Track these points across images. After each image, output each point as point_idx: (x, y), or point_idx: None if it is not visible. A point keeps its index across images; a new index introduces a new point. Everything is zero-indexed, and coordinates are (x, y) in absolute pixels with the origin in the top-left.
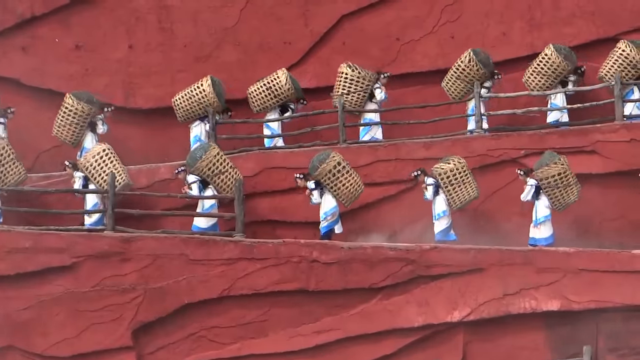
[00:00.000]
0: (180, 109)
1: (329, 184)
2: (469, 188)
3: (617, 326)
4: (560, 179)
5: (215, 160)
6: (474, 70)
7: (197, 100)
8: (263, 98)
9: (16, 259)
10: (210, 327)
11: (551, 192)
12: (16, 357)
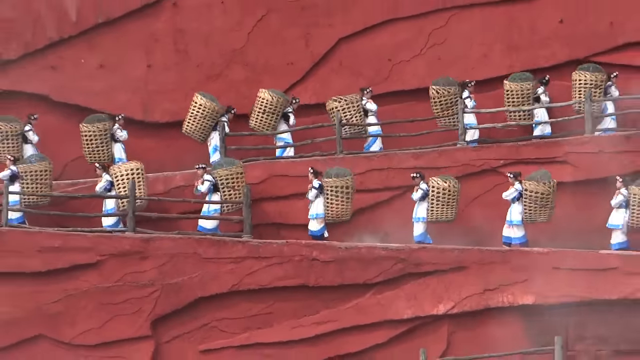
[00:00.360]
0: (195, 132)
1: (328, 195)
2: (449, 211)
3: (585, 318)
4: (541, 198)
5: (236, 177)
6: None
7: (202, 115)
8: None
9: (47, 256)
10: (220, 318)
11: (527, 204)
12: (46, 345)
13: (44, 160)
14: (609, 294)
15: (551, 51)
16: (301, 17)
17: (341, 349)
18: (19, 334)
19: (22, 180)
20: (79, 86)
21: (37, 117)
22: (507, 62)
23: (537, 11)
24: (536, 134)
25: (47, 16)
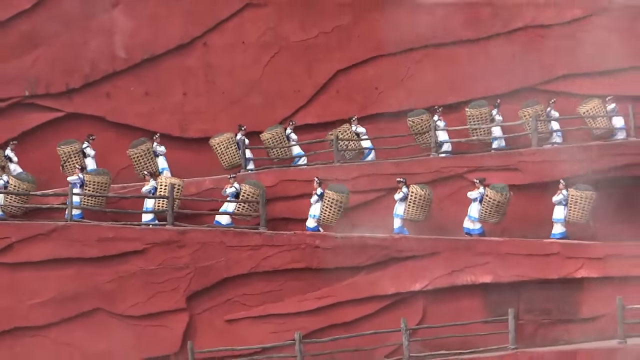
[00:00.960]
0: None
1: (325, 202)
2: (421, 213)
3: (532, 294)
4: (497, 205)
5: (256, 195)
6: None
7: (225, 148)
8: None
9: (103, 245)
10: (241, 294)
11: (485, 206)
12: (102, 316)
13: (106, 174)
14: (551, 275)
15: (504, 81)
16: (305, 54)
17: (338, 319)
18: (81, 307)
19: (86, 187)
20: (129, 109)
21: (95, 137)
22: (469, 90)
23: (494, 48)
24: (494, 147)
25: (102, 54)
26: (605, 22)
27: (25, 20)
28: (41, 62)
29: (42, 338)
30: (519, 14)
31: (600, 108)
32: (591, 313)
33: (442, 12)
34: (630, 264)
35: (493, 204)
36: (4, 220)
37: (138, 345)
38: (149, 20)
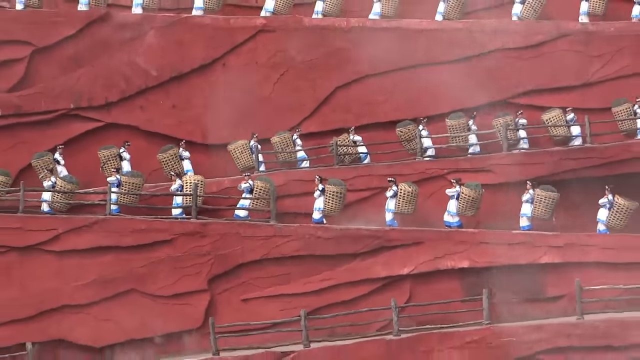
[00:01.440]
0: (246, 164)
1: (327, 196)
2: (409, 207)
3: (503, 277)
4: (472, 201)
5: (267, 190)
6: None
7: (240, 153)
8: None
9: (136, 235)
10: (255, 277)
11: (462, 202)
12: (136, 296)
13: (140, 177)
14: (519, 260)
15: (479, 95)
16: (309, 73)
17: (337, 298)
18: (118, 288)
19: (122, 186)
20: (158, 120)
21: (130, 143)
22: (448, 103)
23: (470, 68)
24: (470, 152)
25: (136, 72)
26: (563, 46)
27: (71, 44)
28: (84, 79)
29: (85, 315)
30: (492, 39)
31: (560, 117)
32: (553, 293)
33: (425, 37)
34: (585, 251)
35: (468, 199)
36: (52, 215)
37: (167, 321)
38: (176, 44)
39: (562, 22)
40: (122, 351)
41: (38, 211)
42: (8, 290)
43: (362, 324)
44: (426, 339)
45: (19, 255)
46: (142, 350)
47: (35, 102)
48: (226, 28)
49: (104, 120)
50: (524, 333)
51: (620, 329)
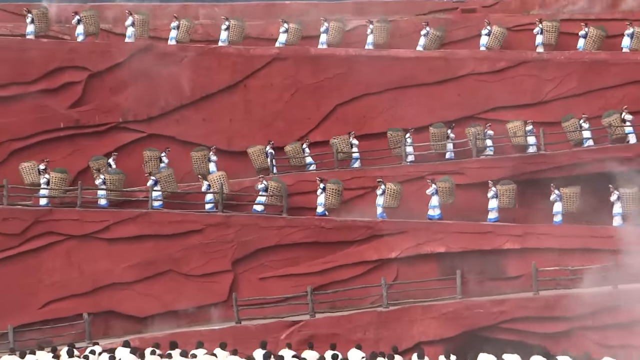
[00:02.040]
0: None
1: (328, 192)
2: (395, 201)
3: (473, 261)
4: (448, 190)
5: (279, 189)
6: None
7: (257, 156)
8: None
9: (173, 226)
10: (270, 260)
11: (441, 194)
12: (172, 275)
13: (169, 169)
14: (486, 246)
15: (452, 111)
16: (315, 92)
17: (337, 277)
18: (158, 269)
19: (160, 184)
20: (191, 131)
21: (170, 149)
22: (430, 117)
23: (447, 89)
24: (447, 157)
25: (173, 92)
26: (523, 71)
27: (120, 68)
28: (130, 98)
29: (131, 291)
30: (464, 65)
31: (521, 128)
32: (514, 273)
33: (410, 64)
34: (540, 239)
35: (445, 190)
36: (105, 209)
37: (198, 296)
38: (205, 69)
39: (521, 51)
40: (160, 320)
41: (93, 205)
42: (68, 271)
43: (357, 298)
44: (410, 311)
45: (78, 242)
46: (177, 320)
47: (91, 116)
48: (246, 56)
49: (146, 131)
50: (490, 306)
51: (567, 303)
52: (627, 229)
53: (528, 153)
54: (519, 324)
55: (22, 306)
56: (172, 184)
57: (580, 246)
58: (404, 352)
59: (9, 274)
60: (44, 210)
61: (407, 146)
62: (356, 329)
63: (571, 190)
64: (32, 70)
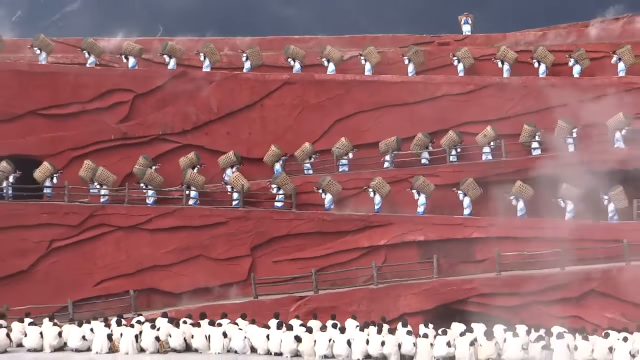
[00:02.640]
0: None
1: (326, 189)
2: (385, 189)
3: (447, 247)
4: (423, 186)
5: (287, 182)
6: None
7: (272, 157)
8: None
9: (203, 219)
10: (282, 247)
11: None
12: (202, 259)
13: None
14: (457, 235)
15: (432, 125)
16: (318, 111)
17: (336, 260)
18: (191, 254)
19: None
20: (218, 142)
21: (204, 165)
22: (412, 130)
23: (425, 108)
24: (422, 163)
25: (203, 110)
26: (488, 92)
27: (160, 91)
28: (168, 115)
29: (168, 271)
30: (439, 88)
31: (491, 137)
32: (480, 257)
33: (396, 87)
34: (502, 229)
35: (424, 185)
36: (147, 205)
37: (223, 275)
38: (230, 91)
39: (486, 76)
40: (193, 295)
41: (139, 202)
42: (118, 255)
43: (352, 277)
44: (396, 288)
45: (125, 233)
46: (206, 295)
47: (136, 130)
48: (263, 80)
49: (181, 142)
50: (461, 284)
51: (523, 281)
52: (572, 222)
53: (491, 159)
54: (485, 298)
55: (79, 284)
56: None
57: (535, 235)
58: (391, 321)
59: (69, 258)
60: (98, 206)
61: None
62: (352, 303)
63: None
64: (88, 92)
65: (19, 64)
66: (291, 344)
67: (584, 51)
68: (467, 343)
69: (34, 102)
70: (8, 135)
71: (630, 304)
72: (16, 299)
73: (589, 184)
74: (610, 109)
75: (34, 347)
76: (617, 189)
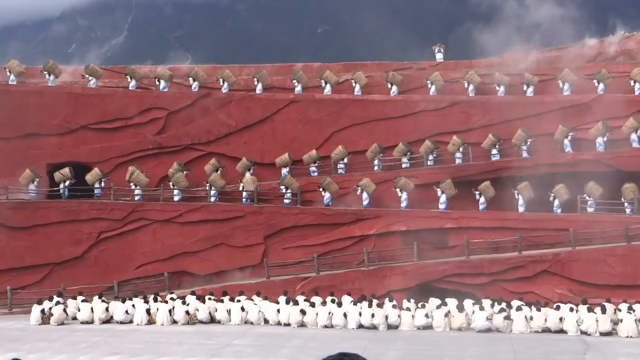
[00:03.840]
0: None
1: (326, 188)
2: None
3: (426, 235)
4: (405, 185)
5: (293, 183)
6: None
7: (282, 162)
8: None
9: (224, 213)
10: (289, 236)
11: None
12: (224, 247)
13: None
14: (433, 226)
15: (411, 136)
16: (318, 124)
17: (334, 247)
18: (214, 242)
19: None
20: (236, 150)
21: (225, 167)
22: (395, 139)
23: (405, 122)
24: (403, 167)
25: (224, 124)
26: (457, 109)
27: (189, 108)
28: (195, 128)
29: (196, 257)
30: (417, 105)
31: (458, 144)
32: (453, 244)
33: (381, 105)
34: (470, 221)
35: (405, 184)
36: (178, 202)
37: (240, 260)
38: (245, 108)
39: (456, 95)
40: (216, 277)
41: (171, 200)
42: (154, 244)
43: (347, 261)
44: (383, 270)
45: (160, 225)
46: (226, 276)
47: (169, 140)
48: (273, 100)
49: (206, 150)
50: (437, 266)
51: (488, 263)
52: (527, 213)
53: (461, 163)
54: (456, 278)
55: (123, 268)
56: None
57: (497, 225)
58: (379, 297)
59: (114, 246)
60: (138, 204)
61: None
62: (347, 282)
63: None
64: (130, 110)
65: (74, 88)
66: (297, 316)
67: (531, 74)
68: (442, 314)
69: (86, 119)
70: (65, 145)
71: (576, 282)
72: (71, 281)
73: (539, 183)
74: (555, 121)
75: (86, 320)
76: (559, 186)
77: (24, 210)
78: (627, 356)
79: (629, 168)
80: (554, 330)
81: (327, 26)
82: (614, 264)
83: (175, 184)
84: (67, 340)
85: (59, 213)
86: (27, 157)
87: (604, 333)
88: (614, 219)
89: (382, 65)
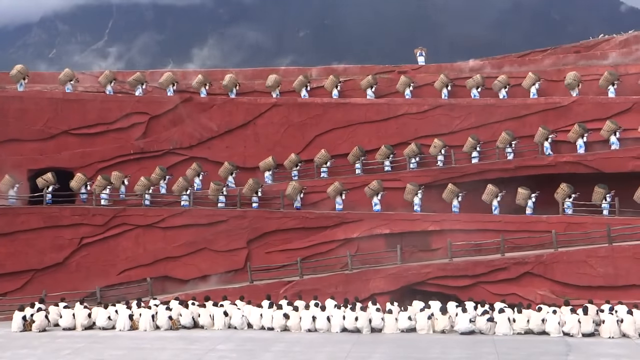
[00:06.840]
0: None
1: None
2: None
3: (409, 238)
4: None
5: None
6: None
7: (266, 166)
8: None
9: (207, 218)
10: (273, 240)
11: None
12: (207, 252)
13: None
14: (416, 229)
15: (394, 139)
16: (301, 128)
17: (317, 251)
18: (199, 246)
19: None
20: (218, 154)
21: (207, 172)
22: (378, 143)
23: (388, 125)
24: (386, 170)
25: (205, 128)
26: (440, 112)
27: (170, 113)
28: (177, 133)
29: (179, 262)
30: (400, 108)
31: (440, 146)
32: (436, 246)
33: (364, 108)
34: (452, 223)
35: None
36: (160, 207)
37: (224, 264)
38: (227, 113)
39: (437, 98)
40: (200, 281)
41: (153, 205)
42: (136, 249)
43: (331, 265)
44: (366, 273)
45: (143, 230)
46: (210, 281)
47: (151, 145)
48: (255, 104)
49: (188, 155)
50: (420, 268)
51: (471, 266)
52: (509, 216)
53: (443, 166)
54: (440, 280)
55: (105, 273)
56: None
57: (478, 228)
58: (363, 300)
59: (96, 251)
60: (120, 208)
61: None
62: (330, 286)
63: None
64: (111, 115)
65: (55, 93)
66: (281, 321)
67: (507, 78)
68: (425, 317)
69: (67, 124)
70: (46, 151)
71: (558, 283)
72: (53, 286)
73: (519, 185)
74: (535, 123)
75: (68, 326)
76: (527, 189)
77: (4, 217)
78: (609, 357)
79: (610, 169)
80: (536, 332)
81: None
82: (596, 265)
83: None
84: (50, 347)
85: (40, 219)
86: (8, 162)
87: (586, 334)
88: (595, 220)
89: (365, 68)
